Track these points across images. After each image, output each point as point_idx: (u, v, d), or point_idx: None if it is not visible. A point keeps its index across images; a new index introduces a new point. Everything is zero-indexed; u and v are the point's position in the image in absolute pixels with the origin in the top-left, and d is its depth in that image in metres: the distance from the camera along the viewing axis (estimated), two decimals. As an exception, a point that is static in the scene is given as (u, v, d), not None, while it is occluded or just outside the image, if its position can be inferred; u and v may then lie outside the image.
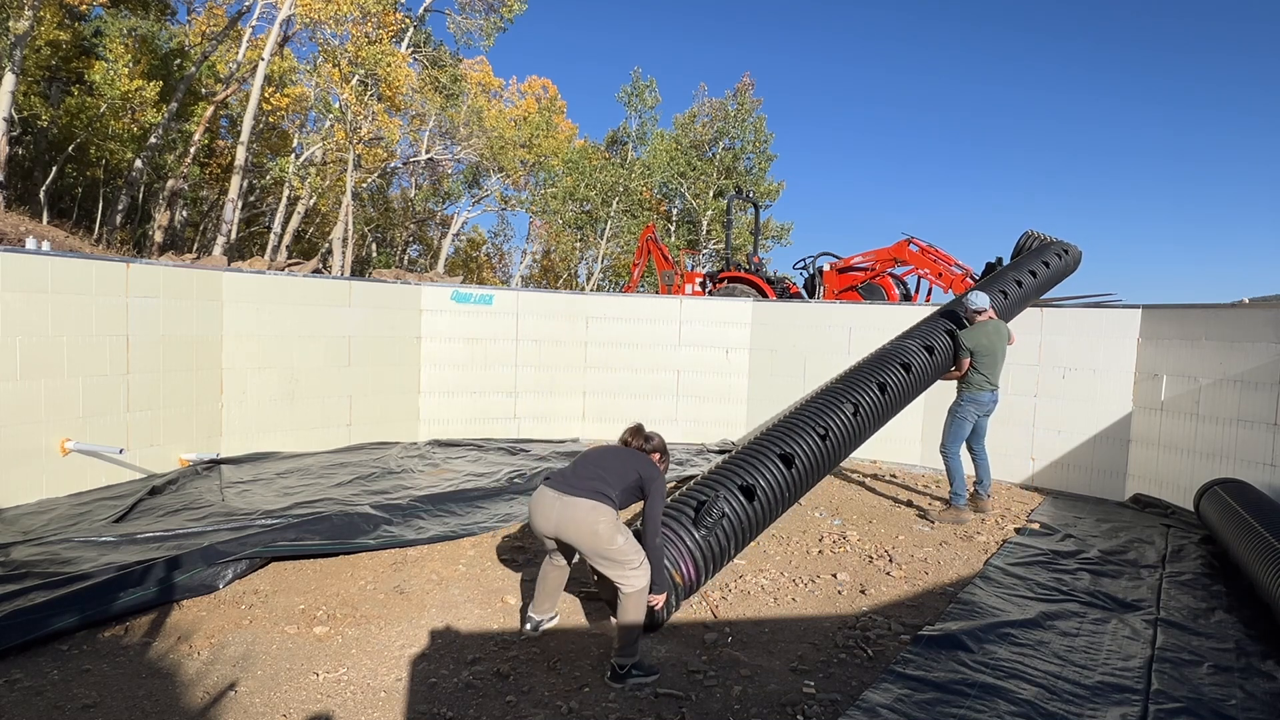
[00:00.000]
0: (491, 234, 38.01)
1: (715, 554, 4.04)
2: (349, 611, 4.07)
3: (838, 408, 5.17)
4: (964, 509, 6.26)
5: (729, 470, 4.46)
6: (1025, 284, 7.24)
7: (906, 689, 3.29)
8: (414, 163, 27.74)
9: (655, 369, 9.38)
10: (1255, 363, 6.06)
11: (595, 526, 3.45)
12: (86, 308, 5.84)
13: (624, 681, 3.37)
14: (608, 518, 3.48)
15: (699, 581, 4.00)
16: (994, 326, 6.27)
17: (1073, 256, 8.01)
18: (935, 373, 6.20)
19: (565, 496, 3.55)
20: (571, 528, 3.51)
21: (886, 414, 5.64)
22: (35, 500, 5.45)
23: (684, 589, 3.89)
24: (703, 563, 3.97)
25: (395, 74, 20.68)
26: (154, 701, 3.12)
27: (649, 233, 16.67)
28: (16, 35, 15.83)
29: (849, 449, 5.24)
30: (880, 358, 5.92)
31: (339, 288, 8.03)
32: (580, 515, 3.49)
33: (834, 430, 5.00)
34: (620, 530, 3.51)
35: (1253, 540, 4.51)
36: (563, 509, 3.53)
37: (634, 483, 3.64)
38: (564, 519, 3.52)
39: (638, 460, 3.74)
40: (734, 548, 4.22)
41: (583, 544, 3.51)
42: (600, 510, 3.48)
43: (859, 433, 5.29)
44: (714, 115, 31.34)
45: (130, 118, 20.64)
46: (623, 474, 3.64)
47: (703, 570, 3.99)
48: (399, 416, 8.52)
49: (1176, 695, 3.32)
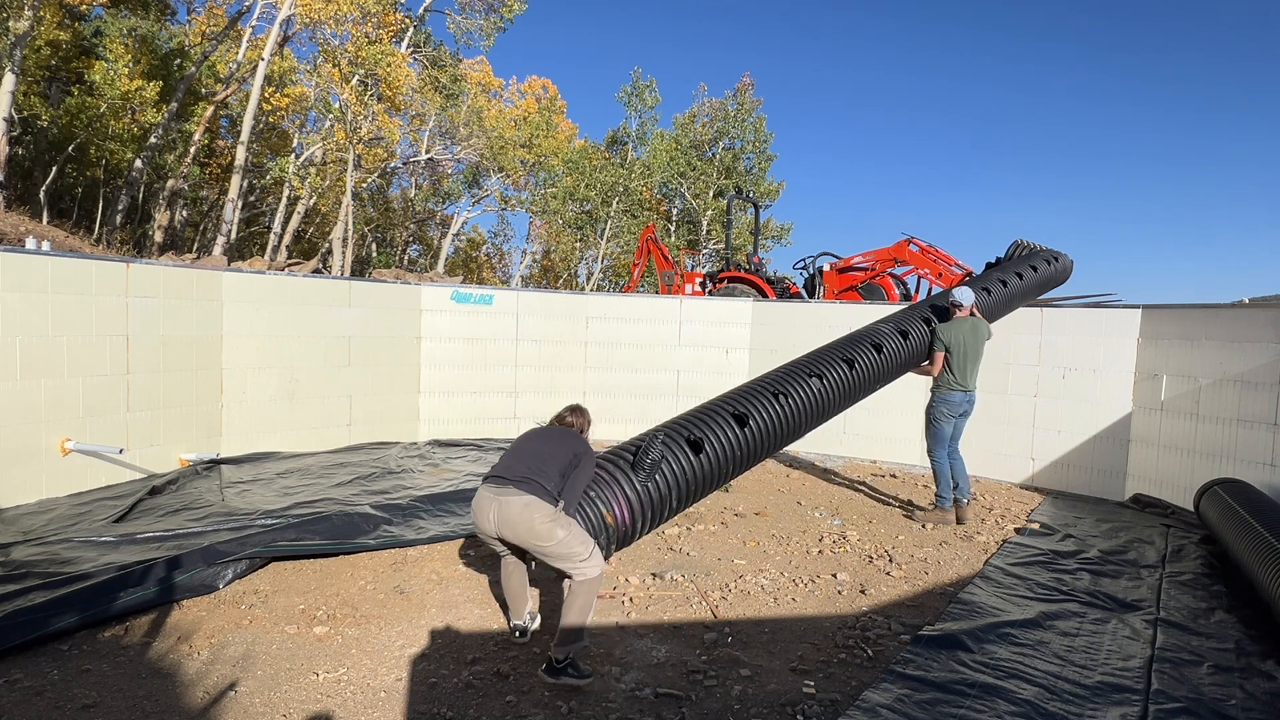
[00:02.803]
0: (491, 234, 38.08)
1: (654, 502, 3.92)
2: (349, 611, 4.07)
3: (803, 379, 5.07)
4: (949, 510, 6.17)
5: (679, 424, 4.38)
6: (1011, 285, 7.12)
7: (906, 689, 3.29)
8: (414, 163, 27.73)
9: (655, 369, 9.38)
10: (1255, 363, 6.06)
11: (532, 524, 3.35)
12: (86, 308, 5.84)
13: (557, 677, 3.28)
14: (543, 512, 3.36)
15: (635, 529, 3.88)
16: (971, 324, 6.10)
17: (1062, 265, 7.93)
18: (911, 358, 6.06)
19: (500, 496, 3.43)
20: (509, 528, 3.41)
21: (856, 391, 5.51)
22: (35, 500, 5.45)
23: (616, 531, 3.76)
24: (639, 508, 3.85)
25: (395, 74, 20.67)
26: (154, 701, 3.12)
27: (649, 233, 16.68)
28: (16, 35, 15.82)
29: (814, 421, 5.10)
30: (853, 338, 5.84)
31: (339, 288, 8.03)
32: (514, 515, 3.38)
33: (795, 398, 4.90)
34: (560, 523, 3.39)
35: (1253, 540, 4.51)
36: (499, 509, 3.42)
37: (571, 462, 3.56)
38: (502, 519, 3.42)
39: (572, 439, 3.68)
40: (677, 500, 4.09)
41: (524, 542, 3.41)
42: (534, 507, 3.36)
43: (825, 406, 5.18)
44: (714, 115, 31.32)
45: (130, 118, 20.64)
46: (559, 457, 3.55)
47: (640, 517, 3.87)
48: (399, 416, 8.52)
49: (1176, 695, 3.32)
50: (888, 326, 6.06)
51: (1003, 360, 7.79)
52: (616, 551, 3.93)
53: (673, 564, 5.01)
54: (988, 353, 7.59)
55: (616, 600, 4.35)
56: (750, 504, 6.63)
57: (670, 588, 4.58)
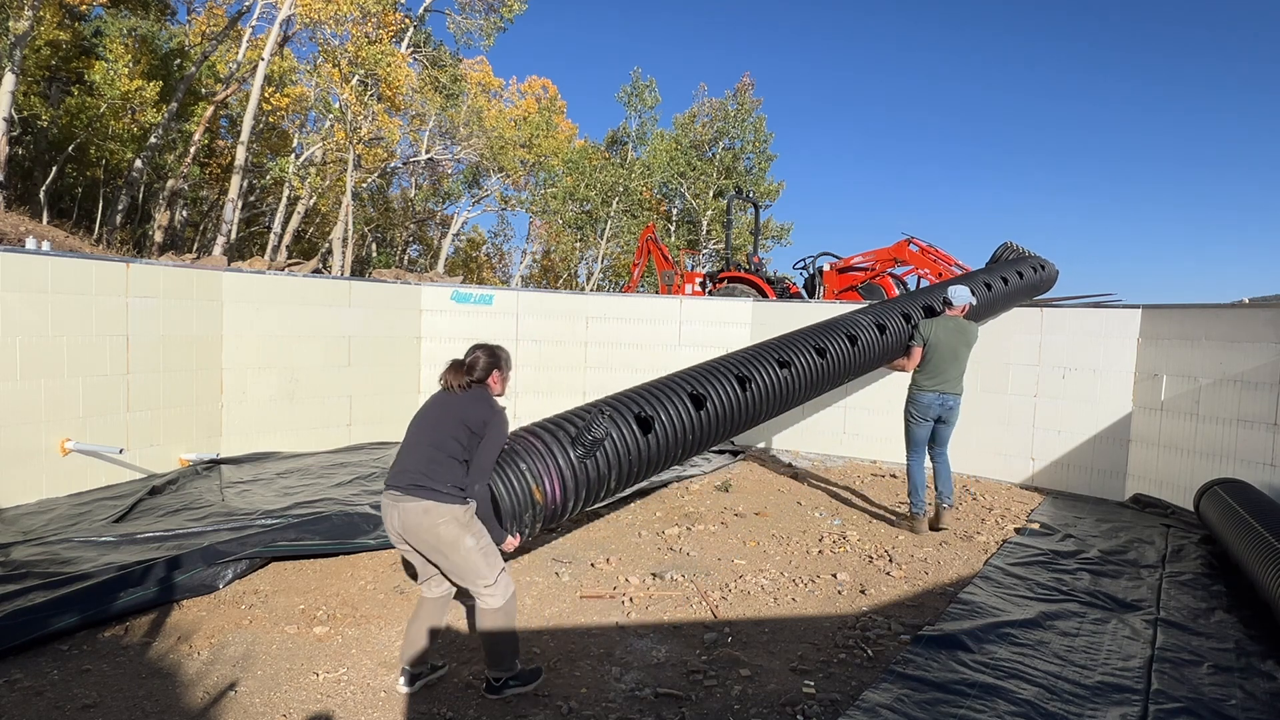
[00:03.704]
0: (491, 234, 38.07)
1: (590, 481, 3.60)
2: (349, 611, 4.07)
3: (768, 361, 4.78)
4: (920, 518, 5.88)
5: (630, 398, 4.06)
6: (996, 289, 7.06)
7: (906, 689, 3.29)
8: (414, 163, 27.73)
9: (655, 369, 9.33)
10: (1255, 363, 6.06)
11: (436, 530, 2.89)
12: (86, 308, 5.84)
13: (500, 694, 3.13)
14: (447, 515, 2.90)
15: (565, 508, 3.56)
16: (956, 324, 5.80)
17: (1049, 273, 7.88)
18: (886, 353, 5.84)
19: (398, 503, 2.97)
20: (413, 537, 2.98)
21: (824, 381, 5.23)
22: (35, 500, 5.45)
23: (545, 510, 3.47)
24: (573, 486, 3.52)
25: (395, 74, 20.66)
26: (154, 701, 3.12)
27: (649, 233, 16.68)
28: (16, 35, 15.82)
29: (778, 407, 4.79)
30: (828, 325, 5.61)
31: (339, 288, 8.03)
32: (413, 521, 2.93)
33: (758, 382, 4.60)
34: (471, 529, 2.96)
35: (1253, 540, 4.51)
36: (400, 516, 2.97)
37: (468, 435, 2.99)
38: (405, 527, 2.97)
39: (463, 406, 3.04)
40: (616, 480, 3.77)
41: (430, 554, 2.99)
42: (434, 511, 2.90)
43: (789, 394, 4.89)
44: (714, 115, 31.33)
45: (130, 118, 20.64)
46: (450, 436, 2.98)
47: (572, 495, 3.53)
48: (399, 416, 8.49)
49: (1176, 695, 3.32)
50: (866, 317, 5.87)
51: (1002, 360, 7.79)
52: (540, 531, 3.55)
53: (673, 564, 5.01)
54: (987, 353, 7.61)
55: (616, 600, 4.35)
56: (750, 504, 6.63)
57: (670, 588, 4.58)
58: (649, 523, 5.96)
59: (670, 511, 6.29)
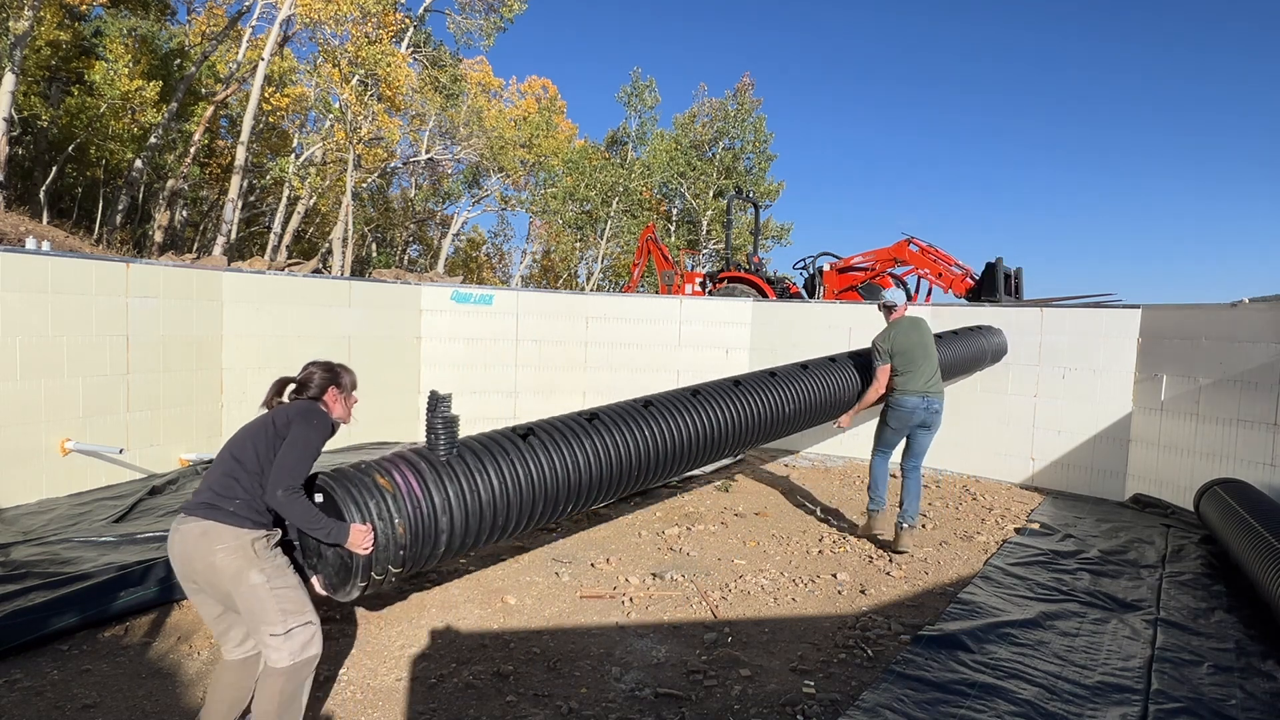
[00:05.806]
0: (491, 234, 38.09)
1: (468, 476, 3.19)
2: (349, 611, 4.07)
3: (689, 410, 4.51)
4: (876, 519, 5.55)
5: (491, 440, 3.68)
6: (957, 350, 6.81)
7: (906, 689, 3.29)
8: (414, 163, 27.74)
9: (655, 369, 9.37)
10: (1255, 363, 6.06)
11: (211, 558, 2.35)
12: (86, 308, 5.84)
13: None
14: (228, 541, 2.36)
15: (435, 506, 3.09)
16: (910, 322, 5.46)
17: (997, 341, 7.56)
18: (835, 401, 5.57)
19: (180, 524, 2.46)
20: (190, 568, 2.42)
21: (744, 438, 4.97)
22: (35, 500, 5.45)
23: (403, 503, 3.05)
24: (433, 477, 3.11)
25: (395, 74, 20.66)
26: (154, 701, 3.12)
27: (649, 233, 16.68)
28: (16, 35, 15.82)
29: (666, 470, 4.40)
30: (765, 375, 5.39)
31: (339, 288, 8.03)
32: (190, 547, 2.40)
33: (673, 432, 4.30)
34: (258, 562, 2.39)
35: (1253, 540, 4.51)
36: (179, 543, 2.44)
37: (274, 438, 2.54)
38: (182, 557, 2.43)
39: (277, 411, 2.64)
40: (500, 486, 3.38)
41: (212, 590, 2.43)
42: (213, 534, 2.36)
43: (706, 446, 4.58)
44: (714, 115, 31.34)
45: (130, 118, 20.63)
46: (251, 443, 2.51)
47: (434, 486, 3.07)
48: (399, 416, 8.51)
49: (1176, 695, 3.32)
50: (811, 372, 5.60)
51: (1003, 360, 7.79)
52: (418, 563, 3.15)
53: (673, 564, 5.01)
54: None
55: (616, 600, 4.35)
56: (750, 504, 6.63)
57: (670, 588, 4.58)
58: (649, 523, 5.96)
59: (670, 511, 6.30)
